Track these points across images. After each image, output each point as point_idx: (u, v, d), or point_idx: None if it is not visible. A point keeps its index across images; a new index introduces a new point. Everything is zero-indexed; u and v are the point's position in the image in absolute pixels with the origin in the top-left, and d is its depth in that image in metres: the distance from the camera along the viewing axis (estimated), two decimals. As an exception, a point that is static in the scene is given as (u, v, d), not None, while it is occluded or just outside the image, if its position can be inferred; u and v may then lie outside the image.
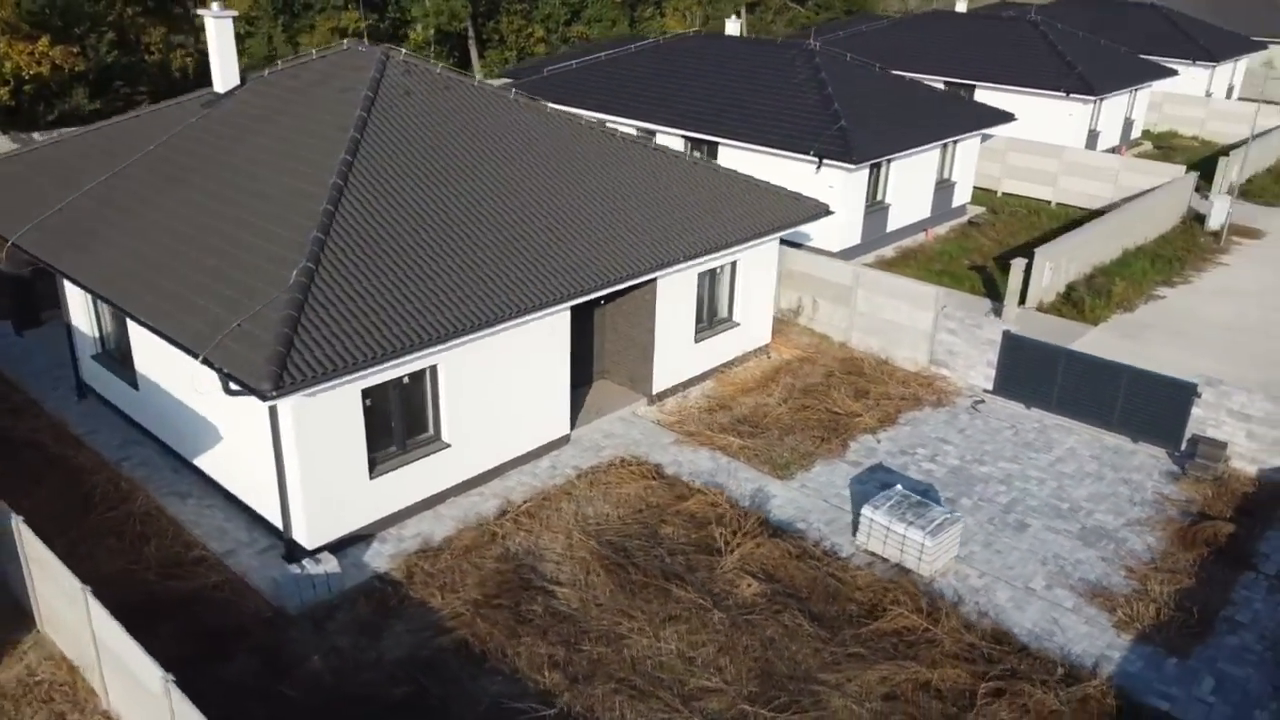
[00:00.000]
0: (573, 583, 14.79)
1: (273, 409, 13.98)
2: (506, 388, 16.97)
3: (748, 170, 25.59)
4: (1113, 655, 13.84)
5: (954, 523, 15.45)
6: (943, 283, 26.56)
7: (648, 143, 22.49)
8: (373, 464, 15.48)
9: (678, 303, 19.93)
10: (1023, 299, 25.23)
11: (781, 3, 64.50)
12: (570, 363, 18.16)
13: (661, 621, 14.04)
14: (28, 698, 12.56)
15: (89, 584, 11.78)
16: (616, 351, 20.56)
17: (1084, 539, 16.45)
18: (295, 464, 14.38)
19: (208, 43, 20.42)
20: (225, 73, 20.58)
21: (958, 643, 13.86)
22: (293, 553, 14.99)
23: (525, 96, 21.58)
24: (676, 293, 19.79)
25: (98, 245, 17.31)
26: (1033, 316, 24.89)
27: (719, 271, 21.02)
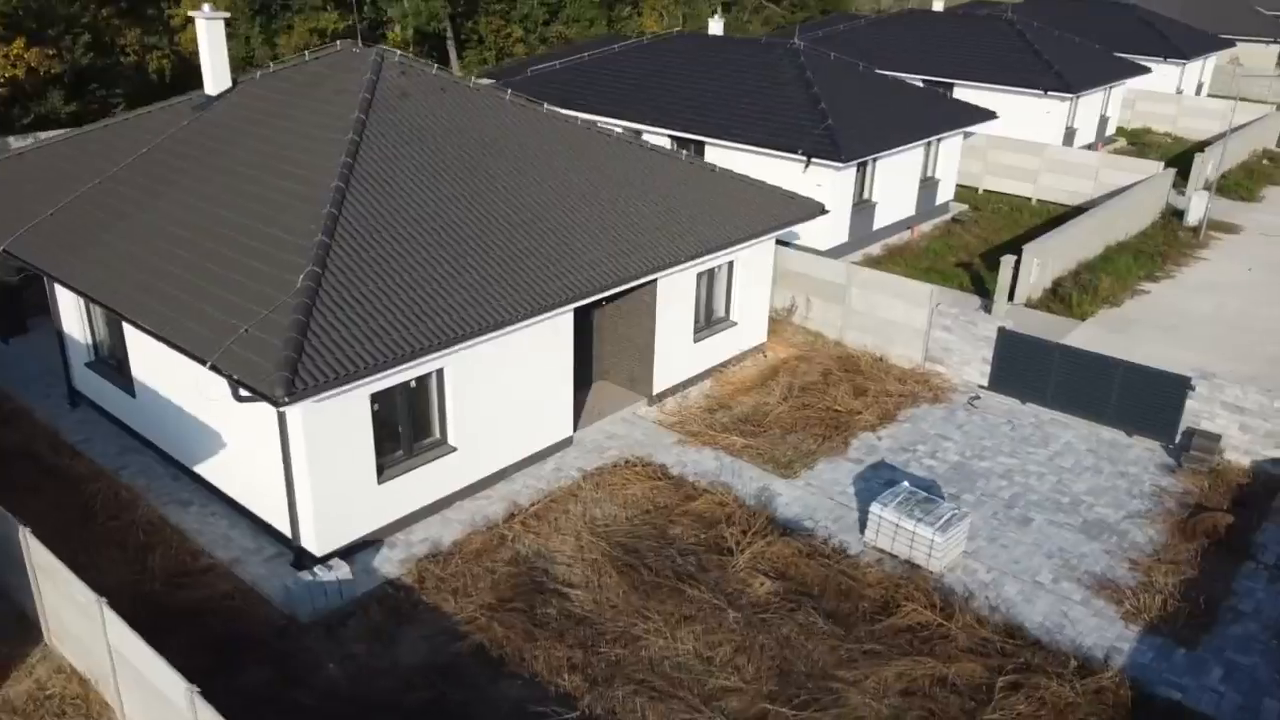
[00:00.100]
0: (585, 585, 14.77)
1: (282, 415, 13.83)
2: (511, 390, 16.90)
3: (735, 169, 25.60)
4: (1123, 647, 14.02)
5: (962, 518, 15.58)
6: (931, 280, 26.72)
7: (643, 143, 22.48)
8: (380, 469, 15.36)
9: (677, 303, 19.94)
10: (1011, 295, 25.48)
11: (758, 2, 64.66)
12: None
13: (677, 622, 14.05)
14: (40, 713, 12.35)
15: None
16: (616, 352, 20.53)
17: (1086, 532, 16.65)
18: (304, 470, 14.25)
19: (199, 45, 20.22)
20: (217, 75, 20.36)
21: (971, 637, 13.99)
22: (301, 560, 14.85)
23: (521, 97, 21.51)
24: (676, 293, 19.80)
25: (93, 250, 17.05)
26: (1022, 312, 25.13)
27: (717, 271, 21.06)
